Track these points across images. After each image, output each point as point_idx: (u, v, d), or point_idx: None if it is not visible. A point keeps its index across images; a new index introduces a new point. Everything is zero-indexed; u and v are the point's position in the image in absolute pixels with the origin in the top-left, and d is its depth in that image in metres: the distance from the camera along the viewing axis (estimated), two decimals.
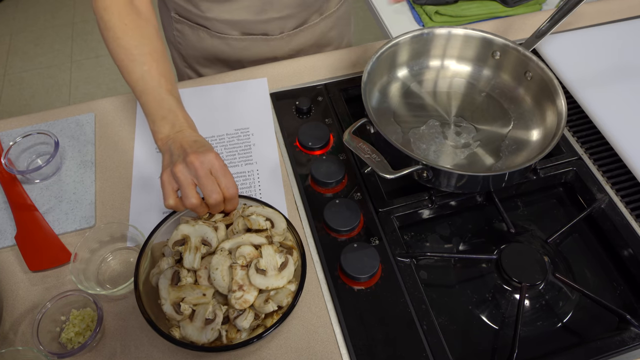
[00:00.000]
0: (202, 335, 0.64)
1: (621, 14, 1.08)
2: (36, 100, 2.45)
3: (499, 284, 0.75)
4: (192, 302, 0.65)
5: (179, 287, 0.66)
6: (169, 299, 0.65)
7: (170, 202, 0.68)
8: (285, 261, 0.67)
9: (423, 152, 0.84)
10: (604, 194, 0.82)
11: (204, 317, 0.64)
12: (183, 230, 0.69)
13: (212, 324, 0.64)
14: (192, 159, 0.67)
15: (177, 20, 1.03)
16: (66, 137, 0.90)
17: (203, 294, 0.65)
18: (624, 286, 0.78)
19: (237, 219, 0.71)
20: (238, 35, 1.02)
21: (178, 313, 0.64)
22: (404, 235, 0.82)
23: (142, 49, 0.76)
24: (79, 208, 0.81)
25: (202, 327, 0.64)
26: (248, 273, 0.66)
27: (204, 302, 0.65)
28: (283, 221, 0.71)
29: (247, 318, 0.64)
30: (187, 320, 0.65)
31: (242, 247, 0.67)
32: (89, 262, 0.74)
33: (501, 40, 0.89)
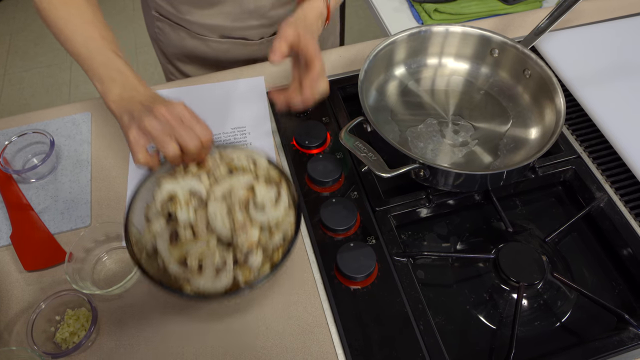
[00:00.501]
0: (216, 283, 0.62)
1: (621, 11, 1.07)
2: (36, 100, 2.45)
3: (497, 284, 0.75)
4: (198, 255, 0.63)
5: (180, 244, 0.63)
6: (172, 258, 0.63)
7: (140, 157, 0.64)
8: (279, 193, 0.67)
9: (420, 150, 0.83)
10: (603, 193, 0.81)
11: (214, 266, 0.62)
12: (167, 188, 0.65)
13: (224, 269, 0.63)
14: (161, 110, 0.63)
15: (158, 19, 1.03)
16: (62, 137, 0.90)
17: (206, 244, 0.63)
18: (623, 285, 0.77)
19: (218, 166, 0.69)
20: (217, 38, 1.02)
21: (185, 269, 0.62)
22: (401, 234, 0.81)
23: (83, 18, 0.74)
24: (75, 207, 0.81)
25: (215, 276, 0.62)
26: (248, 212, 0.64)
27: (209, 252, 0.63)
28: (263, 158, 0.70)
29: (257, 255, 0.63)
30: (196, 274, 0.62)
31: (234, 189, 0.66)
32: (84, 262, 0.73)
33: (499, 38, 0.88)
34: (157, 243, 0.64)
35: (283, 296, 0.72)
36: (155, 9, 1.02)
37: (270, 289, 0.73)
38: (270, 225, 0.65)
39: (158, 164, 0.67)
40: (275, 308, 0.71)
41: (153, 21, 1.05)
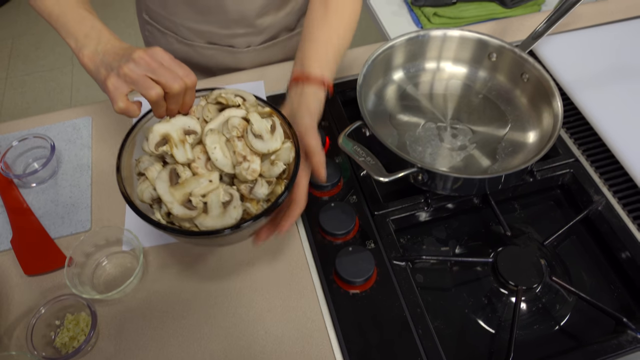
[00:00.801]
0: (226, 219, 0.61)
1: (618, 14, 1.08)
2: (38, 104, 2.46)
3: (495, 287, 0.75)
4: (202, 194, 0.61)
5: (181, 184, 0.61)
6: (175, 200, 0.60)
7: (120, 104, 0.61)
8: (273, 124, 0.66)
9: (419, 154, 0.84)
10: (601, 196, 0.82)
11: (220, 202, 0.61)
12: (160, 129, 0.63)
13: (232, 203, 0.62)
14: (140, 54, 0.61)
15: (148, 22, 1.04)
16: (63, 141, 0.90)
17: (209, 181, 0.62)
18: (622, 289, 0.77)
19: (205, 107, 0.67)
20: (204, 44, 1.02)
21: (191, 209, 0.60)
22: (400, 238, 0.81)
23: None
24: (75, 212, 0.81)
25: (223, 212, 0.61)
26: (247, 141, 0.64)
27: (213, 189, 0.62)
28: (251, 95, 0.70)
29: (262, 185, 0.63)
30: (202, 214, 0.61)
31: (230, 119, 0.65)
32: (84, 266, 0.74)
33: (497, 42, 0.88)
34: (157, 187, 0.61)
35: (282, 300, 0.72)
36: (145, 11, 1.03)
37: (269, 293, 0.73)
38: (270, 154, 0.65)
39: (139, 110, 0.63)
40: (274, 312, 0.71)
41: (144, 24, 1.06)
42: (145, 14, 1.03)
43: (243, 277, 0.75)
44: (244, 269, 0.76)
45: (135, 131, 0.68)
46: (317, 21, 0.81)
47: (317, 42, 0.79)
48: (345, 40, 0.82)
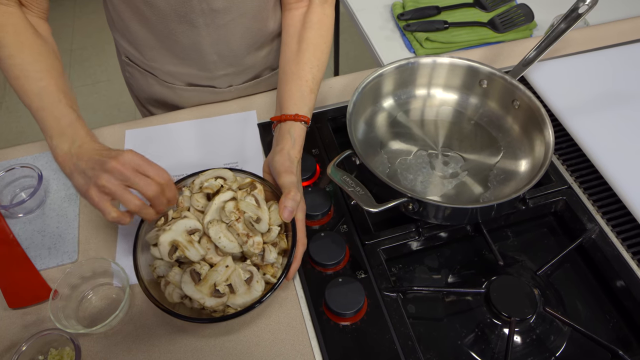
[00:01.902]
0: (253, 293, 0.67)
1: (610, 40, 1.08)
2: (33, 128, 2.45)
3: (488, 318, 0.74)
4: (224, 280, 0.67)
5: (204, 280, 0.66)
6: (204, 295, 0.66)
7: (112, 214, 0.66)
8: (256, 199, 0.71)
9: (410, 182, 0.83)
10: (594, 224, 0.81)
11: (243, 280, 0.67)
12: (166, 239, 0.67)
13: (254, 278, 0.68)
14: (112, 164, 0.64)
15: (128, 64, 1.03)
16: (51, 170, 0.90)
17: (226, 266, 0.67)
18: (617, 319, 0.76)
19: (192, 198, 0.73)
20: (184, 86, 1.01)
21: (221, 297, 0.66)
22: (391, 267, 0.80)
23: (39, 66, 0.74)
24: (62, 243, 0.80)
25: (248, 288, 0.67)
26: (245, 223, 0.69)
27: (232, 271, 0.68)
28: (227, 171, 0.75)
29: (271, 251, 0.70)
30: (231, 295, 0.67)
31: (225, 205, 0.69)
32: (69, 299, 0.72)
33: (487, 69, 0.89)
34: (184, 290, 0.66)
35: (270, 334, 0.71)
36: (124, 53, 1.02)
37: (257, 326, 0.72)
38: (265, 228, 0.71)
39: (131, 217, 0.69)
40: (263, 346, 0.70)
41: (124, 66, 1.05)
42: (125, 57, 1.02)
43: None
44: None
45: (140, 240, 0.72)
46: (291, 59, 0.85)
47: (291, 81, 0.83)
48: (319, 70, 0.85)
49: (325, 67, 0.87)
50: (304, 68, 0.83)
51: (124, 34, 0.95)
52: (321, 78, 0.86)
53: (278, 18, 0.94)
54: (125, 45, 0.97)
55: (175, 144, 0.93)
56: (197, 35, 0.89)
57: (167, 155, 0.91)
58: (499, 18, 1.33)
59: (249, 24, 0.90)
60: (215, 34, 0.90)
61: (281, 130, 0.79)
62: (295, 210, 0.71)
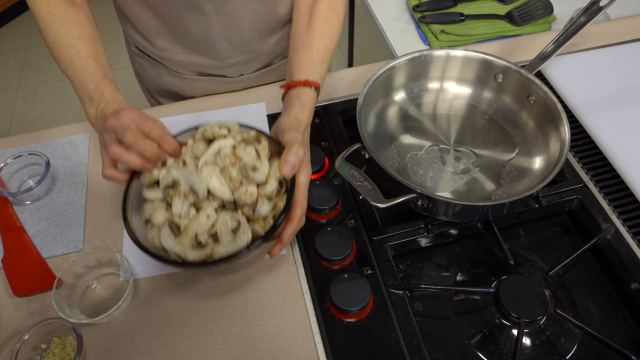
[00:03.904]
0: (237, 244, 0.63)
1: (629, 35, 1.05)
2: (48, 114, 2.47)
3: (497, 318, 0.72)
4: (206, 230, 0.63)
5: (185, 230, 0.63)
6: (186, 248, 0.63)
7: (105, 172, 0.68)
8: (256, 151, 0.67)
9: (420, 178, 0.81)
10: (609, 224, 0.78)
11: (230, 230, 0.63)
12: (173, 175, 0.65)
13: (240, 228, 0.64)
14: (109, 123, 0.65)
15: (137, 54, 1.02)
16: (59, 158, 0.89)
17: (207, 216, 0.64)
18: (631, 322, 0.74)
19: (194, 146, 0.69)
20: (195, 76, 1.00)
21: (204, 247, 0.63)
22: (399, 264, 0.79)
23: (70, 34, 0.76)
24: (68, 231, 0.80)
25: (233, 238, 0.63)
26: (245, 173, 0.65)
27: (214, 221, 0.64)
28: (234, 124, 0.71)
29: (264, 202, 0.65)
30: (215, 245, 0.63)
31: (221, 150, 0.67)
32: (73, 288, 0.72)
33: (503, 63, 0.86)
34: (165, 245, 0.63)
35: (274, 329, 0.70)
36: (134, 44, 1.01)
37: (261, 321, 0.71)
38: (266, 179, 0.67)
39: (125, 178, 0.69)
40: (266, 341, 0.69)
41: (133, 56, 1.05)
42: (134, 47, 1.02)
43: (235, 303, 0.73)
44: (237, 294, 0.73)
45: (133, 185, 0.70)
46: (301, 30, 0.83)
47: (302, 50, 0.80)
48: (330, 41, 0.83)
49: (337, 40, 0.84)
50: (315, 38, 0.81)
51: (133, 23, 0.94)
52: (333, 50, 0.84)
53: (288, 2, 0.92)
54: (135, 35, 0.97)
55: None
56: (207, 22, 0.87)
57: None
58: (517, 11, 1.30)
59: (259, 8, 0.89)
60: (225, 20, 0.88)
61: (290, 96, 0.77)
62: (297, 167, 0.67)
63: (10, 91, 2.60)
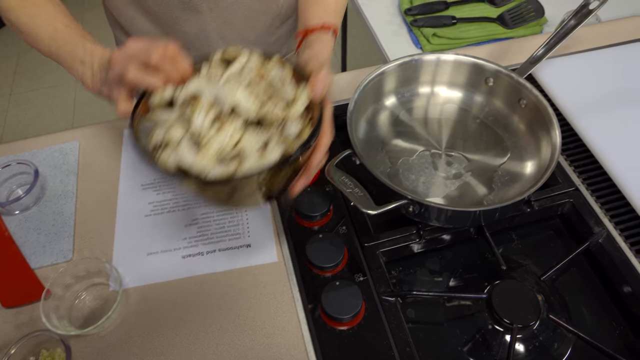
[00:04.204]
0: (266, 159, 0.57)
1: (621, 37, 1.05)
2: (40, 121, 2.46)
3: (490, 324, 0.72)
4: (231, 147, 0.57)
5: (206, 147, 0.57)
6: (207, 164, 0.56)
7: (122, 106, 0.63)
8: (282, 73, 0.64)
9: (412, 183, 0.81)
10: (601, 228, 0.78)
11: (256, 147, 0.58)
12: (193, 86, 0.60)
13: (270, 145, 0.58)
14: (116, 58, 0.62)
15: None
16: (48, 167, 0.89)
17: (232, 132, 0.58)
18: (624, 326, 0.74)
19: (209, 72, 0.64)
20: None
21: (229, 164, 0.57)
22: (391, 270, 0.78)
23: (43, 15, 0.75)
24: (57, 241, 0.79)
25: (261, 153, 0.58)
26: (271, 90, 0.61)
27: (243, 138, 0.58)
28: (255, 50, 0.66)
29: (292, 122, 0.60)
30: (241, 164, 0.57)
31: (245, 66, 0.62)
32: (62, 299, 0.71)
33: (493, 67, 0.86)
34: (182, 160, 0.57)
35: (265, 338, 0.70)
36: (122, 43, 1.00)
37: (252, 330, 0.70)
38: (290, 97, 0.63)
39: None
40: (257, 350, 0.68)
41: None
42: None
43: (226, 313, 0.72)
44: (228, 303, 0.73)
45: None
46: None
47: (314, 5, 0.77)
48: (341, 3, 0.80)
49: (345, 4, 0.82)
50: None
51: (127, 29, 0.93)
52: (344, 8, 0.81)
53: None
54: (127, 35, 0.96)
55: None
56: (202, 22, 0.87)
57: None
58: (509, 13, 1.30)
59: (254, 5, 0.88)
60: (220, 18, 0.88)
61: (307, 42, 0.73)
62: (328, 87, 0.63)
63: (3, 97, 2.58)
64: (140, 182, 0.86)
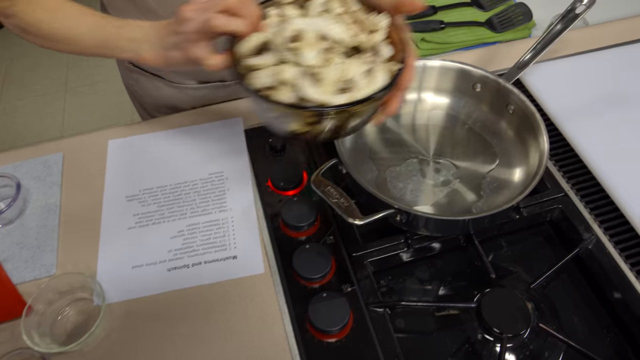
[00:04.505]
0: (375, 83, 0.61)
1: (608, 40, 1.04)
2: (29, 130, 2.44)
3: (480, 333, 0.71)
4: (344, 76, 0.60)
5: (323, 80, 0.59)
6: (329, 95, 0.59)
7: (214, 60, 0.63)
8: None
9: (399, 191, 0.80)
10: (591, 234, 0.77)
11: (362, 74, 0.61)
12: (296, 24, 0.61)
13: (374, 69, 0.61)
14: (180, 14, 0.62)
15: (132, 70, 1.00)
16: (32, 179, 0.87)
17: (340, 62, 0.61)
18: (615, 332, 0.73)
19: (283, 9, 0.65)
20: (195, 85, 0.98)
21: (345, 92, 0.59)
22: (380, 279, 0.77)
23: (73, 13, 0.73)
24: (40, 255, 0.78)
25: (370, 80, 0.61)
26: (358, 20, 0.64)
27: (350, 66, 0.61)
28: None
29: (384, 45, 0.65)
30: (354, 90, 0.60)
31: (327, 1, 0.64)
32: (44, 315, 0.70)
33: (480, 72, 0.85)
34: (307, 95, 0.59)
35: (253, 351, 0.68)
36: (129, 60, 0.99)
37: (238, 343, 0.69)
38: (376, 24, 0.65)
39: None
40: None
41: (128, 73, 1.02)
42: (128, 63, 0.99)
43: (212, 326, 0.71)
44: (214, 316, 0.72)
45: None
46: None
47: None
48: None
49: None
50: None
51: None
52: None
53: None
54: None
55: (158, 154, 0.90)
56: None
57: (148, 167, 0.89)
58: (497, 18, 1.29)
59: None
60: None
61: None
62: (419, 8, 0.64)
63: None
64: (125, 194, 0.85)
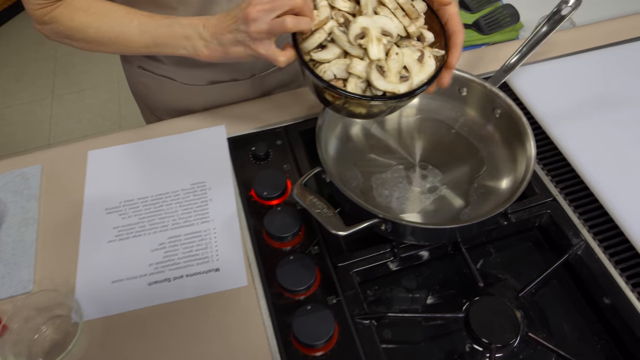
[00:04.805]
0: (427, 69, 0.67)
1: (595, 42, 1.03)
2: (16, 138, 2.40)
3: (468, 343, 0.69)
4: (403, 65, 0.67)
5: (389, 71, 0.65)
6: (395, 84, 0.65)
7: (281, 58, 0.67)
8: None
9: (385, 199, 0.79)
10: (580, 239, 0.76)
11: (416, 60, 0.67)
12: (361, 22, 0.65)
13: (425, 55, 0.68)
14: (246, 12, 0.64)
15: (141, 74, 0.98)
16: (9, 192, 0.85)
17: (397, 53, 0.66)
18: (606, 339, 0.72)
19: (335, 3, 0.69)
20: (205, 85, 0.97)
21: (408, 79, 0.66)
22: (366, 290, 0.76)
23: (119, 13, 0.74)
24: (17, 271, 0.76)
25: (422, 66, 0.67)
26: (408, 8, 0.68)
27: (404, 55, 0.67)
28: None
29: (427, 31, 0.71)
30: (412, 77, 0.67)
31: None
32: (20, 334, 0.68)
33: (465, 76, 0.84)
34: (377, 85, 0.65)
35: None
36: (138, 64, 0.97)
37: (222, 358, 0.67)
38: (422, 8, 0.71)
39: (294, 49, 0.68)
40: None
41: (136, 77, 1.00)
42: (138, 67, 0.97)
43: (195, 341, 0.69)
44: (197, 331, 0.70)
45: None
46: None
47: None
48: None
49: None
50: None
51: None
52: None
53: None
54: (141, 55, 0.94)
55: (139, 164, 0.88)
56: None
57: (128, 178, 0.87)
58: (484, 19, 1.28)
59: None
60: None
61: None
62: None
63: None
64: (105, 206, 0.83)
